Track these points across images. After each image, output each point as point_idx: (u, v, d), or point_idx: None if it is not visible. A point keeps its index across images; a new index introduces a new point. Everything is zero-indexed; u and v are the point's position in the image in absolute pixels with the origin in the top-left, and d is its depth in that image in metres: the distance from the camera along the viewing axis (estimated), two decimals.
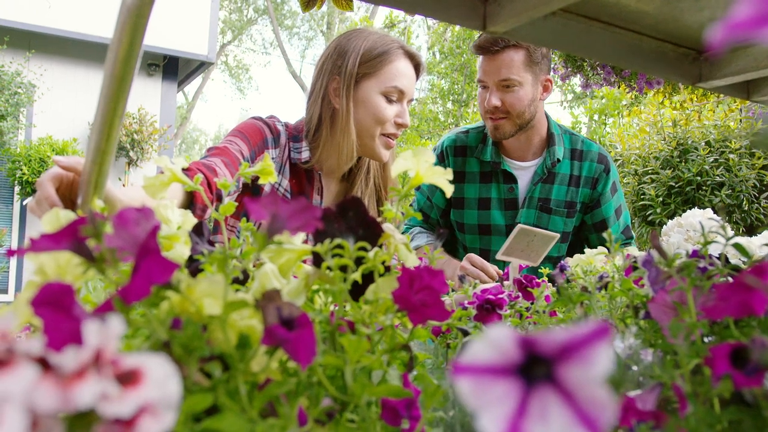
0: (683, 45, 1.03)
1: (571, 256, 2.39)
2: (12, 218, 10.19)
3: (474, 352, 0.27)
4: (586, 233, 2.39)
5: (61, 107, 10.15)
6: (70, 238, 0.47)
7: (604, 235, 0.80)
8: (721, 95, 4.80)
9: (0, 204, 10.21)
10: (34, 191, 8.93)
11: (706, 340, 0.62)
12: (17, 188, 9.46)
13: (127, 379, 0.30)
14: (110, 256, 0.47)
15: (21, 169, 8.90)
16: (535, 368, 0.27)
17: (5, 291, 10.03)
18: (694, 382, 0.53)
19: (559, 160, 2.29)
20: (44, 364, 0.30)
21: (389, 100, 1.78)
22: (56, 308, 0.40)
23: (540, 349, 0.27)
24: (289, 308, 0.48)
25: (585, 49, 0.94)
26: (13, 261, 10.08)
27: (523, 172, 2.34)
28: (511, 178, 2.33)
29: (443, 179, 0.77)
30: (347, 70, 1.74)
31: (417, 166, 0.78)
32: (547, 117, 2.38)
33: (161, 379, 0.31)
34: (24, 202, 9.64)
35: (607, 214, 2.34)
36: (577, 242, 2.41)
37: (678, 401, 0.55)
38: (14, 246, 10.06)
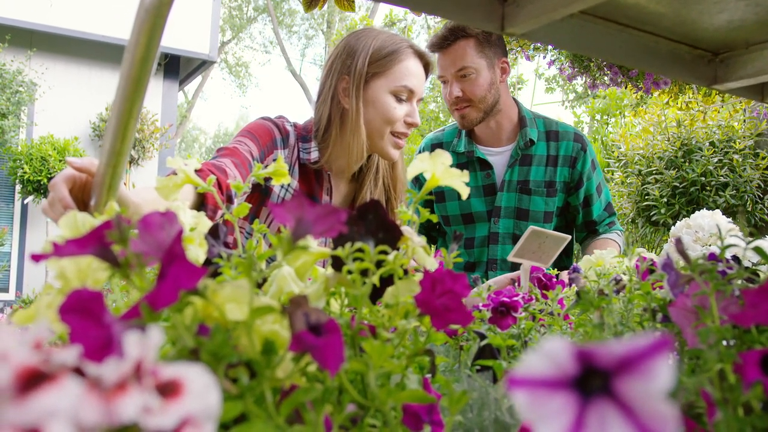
0: (699, 47, 1.02)
1: None
2: (13, 217, 10.18)
3: (529, 365, 0.26)
4: (573, 214, 2.42)
5: (63, 106, 10.14)
6: (95, 243, 0.46)
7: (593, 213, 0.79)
8: (726, 96, 4.79)
9: (1, 203, 10.20)
10: (35, 190, 8.95)
11: (724, 344, 0.62)
12: (18, 187, 9.45)
13: (167, 390, 0.30)
14: (136, 261, 0.46)
15: (22, 168, 8.89)
16: (592, 381, 0.27)
17: (6, 290, 10.02)
18: (723, 389, 0.53)
19: (532, 141, 2.34)
20: (80, 374, 0.30)
21: (399, 100, 1.78)
22: (86, 316, 0.39)
23: (597, 361, 0.26)
24: (316, 314, 0.47)
25: (601, 51, 0.93)
26: (14, 260, 10.08)
27: (498, 157, 2.39)
28: (486, 165, 2.38)
29: (459, 181, 0.77)
30: (356, 69, 1.74)
31: (433, 168, 0.77)
32: (518, 103, 2.44)
33: (201, 390, 0.30)
34: (25, 201, 9.63)
35: (590, 192, 2.38)
36: (562, 224, 2.44)
37: (706, 407, 0.54)
38: (15, 244, 10.05)
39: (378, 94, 1.77)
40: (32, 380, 0.26)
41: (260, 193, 1.79)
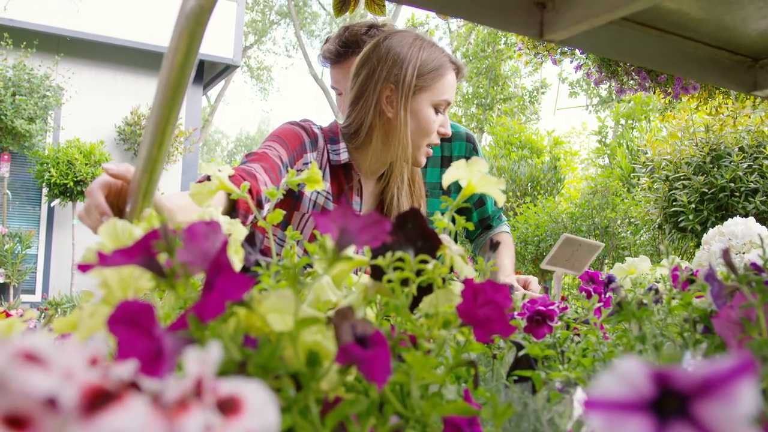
0: (739, 53, 1.00)
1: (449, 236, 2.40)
2: (40, 220, 10.32)
3: (604, 386, 0.25)
4: (465, 214, 2.37)
5: (89, 110, 10.26)
6: (142, 252, 0.46)
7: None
8: (758, 100, 4.73)
9: (28, 206, 10.34)
10: (61, 193, 9.04)
11: None
12: (45, 190, 9.57)
13: (227, 407, 0.29)
14: (181, 272, 0.46)
15: (49, 171, 8.99)
16: (670, 404, 0.26)
17: (32, 291, 10.14)
18: None
19: None
20: (135, 389, 0.29)
21: (437, 112, 1.79)
22: (134, 327, 0.39)
23: (676, 384, 0.25)
24: (363, 326, 0.47)
25: (640, 57, 0.92)
26: (41, 262, 10.20)
27: None
28: None
29: (496, 188, 0.76)
30: (405, 81, 1.73)
31: (470, 175, 0.76)
32: None
33: (261, 407, 0.30)
34: (51, 204, 9.74)
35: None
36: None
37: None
38: (41, 246, 10.19)
39: (421, 107, 1.77)
40: (98, 399, 0.25)
41: (292, 199, 1.79)
